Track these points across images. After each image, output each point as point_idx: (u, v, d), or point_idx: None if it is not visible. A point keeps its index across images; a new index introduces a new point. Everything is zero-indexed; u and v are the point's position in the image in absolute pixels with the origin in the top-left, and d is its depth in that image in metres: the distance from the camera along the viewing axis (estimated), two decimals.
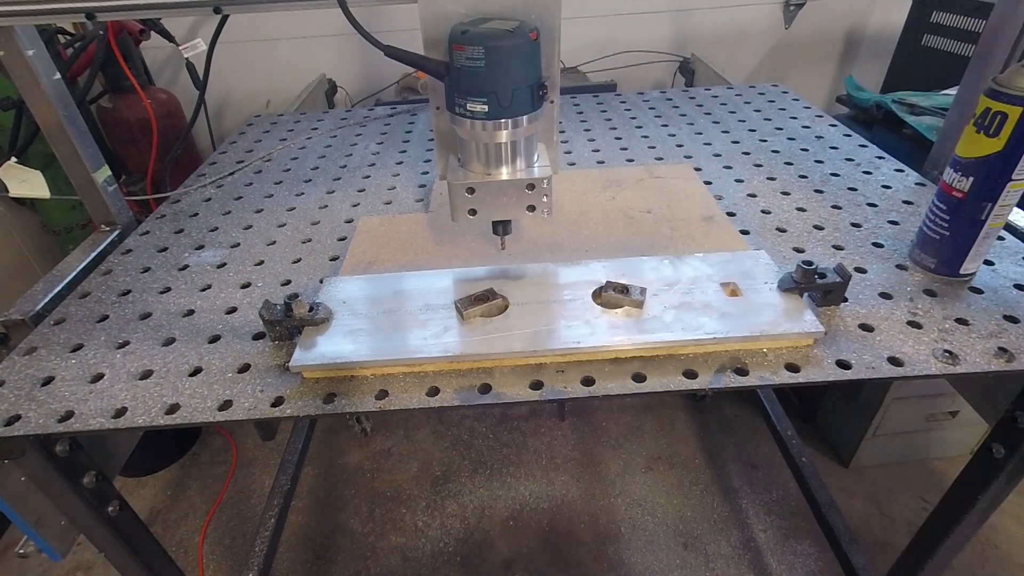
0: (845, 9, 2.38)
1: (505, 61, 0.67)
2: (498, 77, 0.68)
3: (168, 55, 2.23)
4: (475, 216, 0.79)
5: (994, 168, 0.76)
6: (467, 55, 0.67)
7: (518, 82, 0.69)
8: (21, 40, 0.93)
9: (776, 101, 1.56)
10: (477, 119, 0.71)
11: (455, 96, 0.71)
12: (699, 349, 0.74)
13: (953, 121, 1.15)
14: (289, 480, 1.61)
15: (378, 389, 0.72)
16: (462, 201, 0.78)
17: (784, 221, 1.03)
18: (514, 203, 0.78)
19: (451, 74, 0.71)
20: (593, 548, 1.70)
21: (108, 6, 0.85)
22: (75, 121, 1.06)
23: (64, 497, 0.77)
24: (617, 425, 2.08)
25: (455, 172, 0.79)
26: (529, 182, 0.77)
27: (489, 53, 0.66)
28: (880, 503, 1.78)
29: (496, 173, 0.77)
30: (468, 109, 0.70)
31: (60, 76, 1.02)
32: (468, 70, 0.68)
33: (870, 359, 0.71)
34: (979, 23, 1.84)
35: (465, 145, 0.77)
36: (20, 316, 0.89)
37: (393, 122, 1.61)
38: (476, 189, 0.77)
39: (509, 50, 0.67)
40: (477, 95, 0.69)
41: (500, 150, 0.75)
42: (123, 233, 1.16)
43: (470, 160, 0.78)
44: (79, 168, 1.09)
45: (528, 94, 0.71)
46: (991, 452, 0.81)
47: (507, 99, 0.69)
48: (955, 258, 0.84)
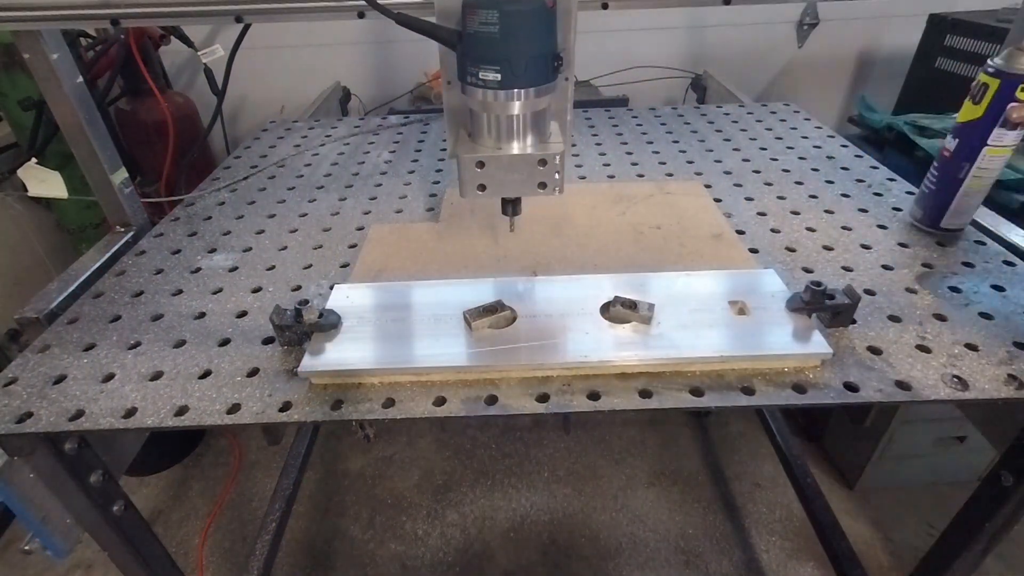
0: (858, 30, 2.39)
1: (520, 27, 0.65)
2: (512, 44, 0.65)
3: (186, 59, 2.26)
4: (484, 192, 0.76)
5: (974, 131, 0.90)
6: (481, 20, 0.64)
7: (533, 50, 0.67)
8: (47, 44, 0.95)
9: (787, 120, 1.56)
10: (489, 88, 0.68)
11: (467, 64, 0.69)
12: (706, 367, 0.74)
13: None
14: (291, 484, 1.61)
15: (385, 397, 0.72)
16: (471, 176, 0.76)
17: (793, 240, 1.03)
18: (525, 179, 0.76)
19: (463, 41, 0.68)
20: (594, 563, 1.69)
21: (133, 12, 0.87)
22: (95, 123, 1.07)
23: (71, 495, 0.78)
24: (620, 439, 2.07)
25: (465, 145, 0.77)
26: (541, 157, 0.74)
27: (504, 18, 0.63)
28: (885, 527, 1.76)
29: (507, 147, 0.75)
30: (480, 78, 0.68)
31: (82, 79, 1.04)
32: (481, 36, 0.65)
33: (878, 382, 0.71)
34: (993, 47, 1.84)
35: (476, 117, 0.75)
36: (35, 314, 0.90)
37: (406, 131, 1.62)
38: (486, 163, 0.75)
39: (525, 15, 0.64)
40: (490, 62, 0.67)
41: (512, 123, 0.73)
42: (137, 235, 1.18)
43: (480, 133, 0.75)
44: (97, 169, 1.11)
45: (543, 64, 0.68)
46: (999, 480, 0.80)
47: (521, 67, 0.67)
48: (937, 210, 0.99)
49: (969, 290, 0.87)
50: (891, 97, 2.31)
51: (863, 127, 1.91)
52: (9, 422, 0.70)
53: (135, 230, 1.18)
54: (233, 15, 0.87)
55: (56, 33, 0.97)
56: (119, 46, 1.84)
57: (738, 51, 2.38)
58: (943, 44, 2.03)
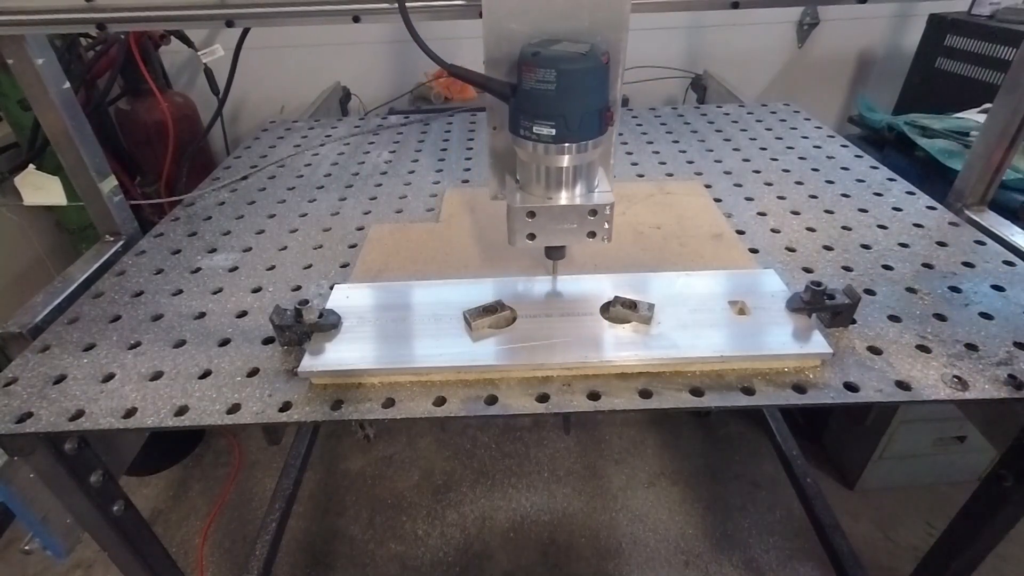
0: (858, 30, 2.39)
1: (577, 85, 0.65)
2: (568, 101, 0.66)
3: (186, 59, 2.26)
4: (533, 241, 0.76)
5: None
6: (538, 77, 0.65)
7: (588, 106, 0.67)
8: (31, 48, 0.92)
9: (787, 120, 1.56)
10: (543, 142, 0.69)
11: (520, 118, 0.69)
12: (706, 366, 0.74)
13: (979, 151, 1.09)
14: (291, 484, 1.61)
15: (385, 397, 0.72)
16: (521, 225, 0.75)
17: (793, 240, 1.03)
18: (575, 229, 0.76)
19: (518, 96, 0.69)
20: (593, 563, 1.69)
21: (119, 17, 0.84)
22: (83, 130, 1.04)
23: (71, 495, 0.78)
24: (620, 439, 2.07)
25: (515, 195, 0.77)
26: (592, 208, 0.74)
27: (561, 76, 0.64)
28: (885, 527, 1.76)
29: (557, 197, 0.75)
30: (534, 132, 0.68)
31: (69, 85, 1.00)
32: (537, 92, 0.66)
33: (878, 382, 0.71)
34: (993, 47, 1.84)
35: (525, 167, 0.75)
36: (18, 328, 0.88)
37: (406, 131, 1.62)
38: (537, 213, 0.75)
39: (582, 73, 0.65)
40: (545, 118, 0.67)
41: (562, 174, 0.73)
42: (128, 243, 1.15)
43: (530, 182, 0.75)
44: (85, 177, 1.07)
45: (596, 118, 0.69)
46: (999, 480, 0.80)
47: (576, 123, 0.67)
48: None
49: (969, 290, 0.87)
50: (891, 97, 2.31)
51: (863, 127, 1.91)
52: (9, 422, 0.70)
53: (125, 239, 1.15)
54: (224, 19, 0.85)
55: (41, 37, 0.94)
56: (119, 46, 1.84)
57: (738, 51, 2.38)
58: (943, 44, 2.03)
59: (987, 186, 1.10)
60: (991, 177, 1.09)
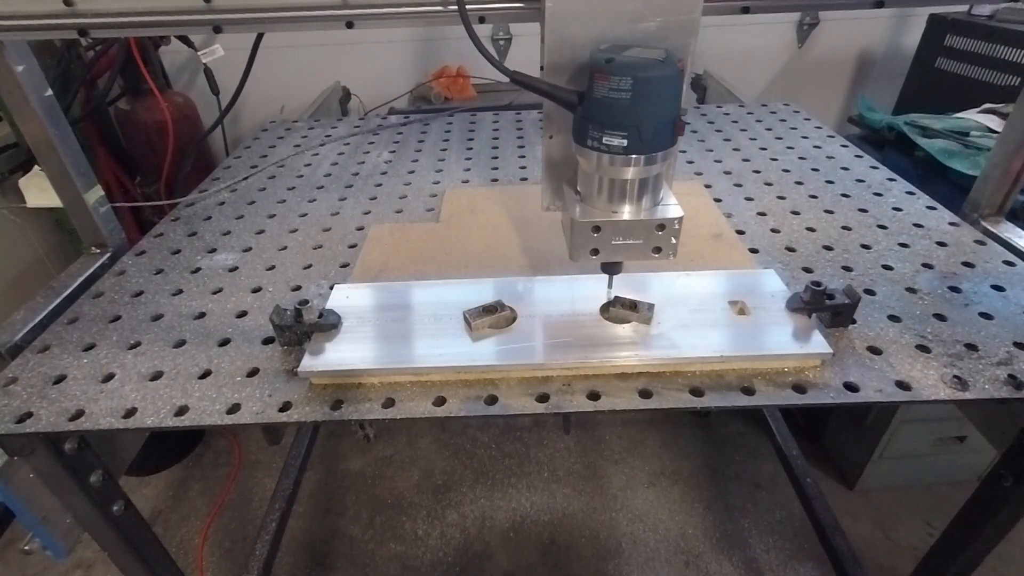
0: (858, 30, 2.39)
1: (654, 93, 0.61)
2: (644, 110, 0.62)
3: (186, 59, 2.26)
4: (596, 256, 0.72)
5: None
6: (611, 85, 0.61)
7: (662, 116, 0.63)
8: (11, 55, 0.88)
9: (787, 120, 1.56)
10: (612, 153, 0.65)
11: (589, 128, 0.65)
12: (706, 366, 0.74)
13: (997, 160, 1.04)
14: (291, 484, 1.61)
15: (385, 397, 0.72)
16: (585, 240, 0.71)
17: (793, 240, 1.03)
18: (641, 244, 0.72)
19: (586, 104, 0.65)
20: (593, 563, 1.69)
21: (101, 23, 0.79)
22: (66, 139, 0.99)
23: (71, 495, 0.78)
24: (620, 439, 2.07)
25: (578, 208, 0.72)
26: (660, 222, 0.70)
27: (638, 84, 0.60)
28: (885, 527, 1.76)
29: (622, 211, 0.71)
30: (604, 143, 0.64)
31: (51, 92, 0.95)
32: (610, 101, 0.62)
33: (878, 382, 0.71)
34: (993, 47, 1.84)
35: (589, 179, 0.71)
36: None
37: (406, 131, 1.62)
38: (602, 228, 0.70)
39: (659, 81, 0.61)
40: (617, 128, 0.63)
41: (630, 187, 0.69)
42: (114, 256, 1.10)
43: (592, 195, 0.71)
44: (69, 188, 1.03)
45: (669, 129, 0.65)
46: (999, 480, 0.80)
47: (649, 133, 0.63)
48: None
49: (969, 290, 0.87)
50: (891, 97, 2.31)
51: (863, 127, 1.91)
52: (9, 422, 0.70)
53: (112, 251, 1.10)
54: (212, 24, 0.80)
55: (21, 43, 0.90)
56: (119, 46, 1.84)
57: (738, 51, 2.38)
58: (943, 44, 2.03)
59: (1005, 196, 1.06)
60: (1009, 187, 1.04)
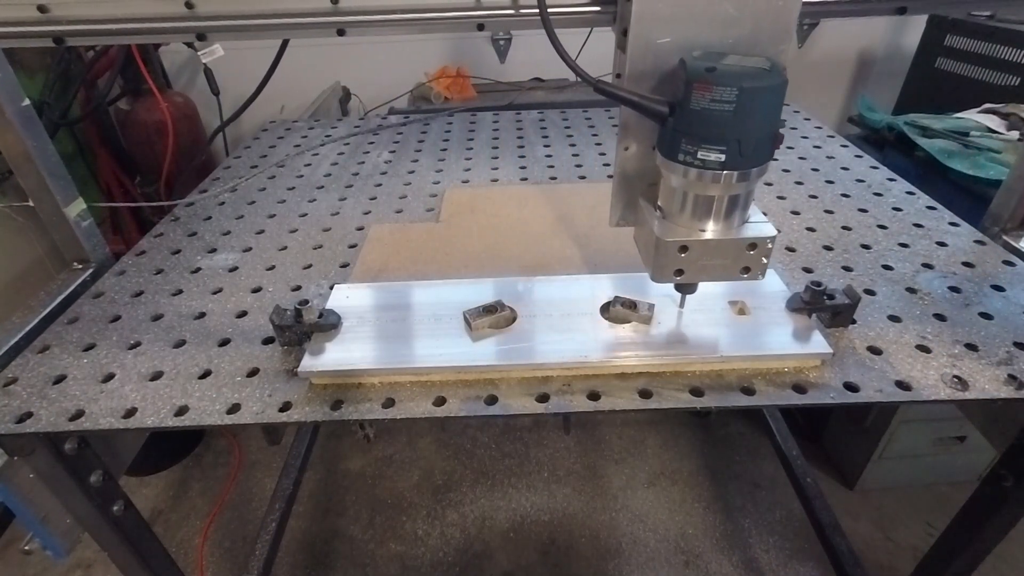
0: (858, 30, 2.39)
1: (760, 106, 0.57)
2: (747, 123, 0.57)
3: (186, 59, 2.26)
4: (681, 277, 0.68)
5: None
6: (713, 96, 0.56)
7: (765, 129, 0.59)
8: None
9: (787, 120, 1.56)
10: (708, 169, 0.60)
11: (682, 141, 0.61)
12: (706, 367, 0.74)
13: (1020, 172, 1.01)
14: (291, 484, 1.61)
15: (385, 397, 0.72)
16: (671, 260, 0.67)
17: (793, 240, 1.03)
18: (729, 264, 0.67)
19: (680, 116, 0.60)
20: (594, 563, 1.69)
21: (79, 30, 0.75)
22: (44, 150, 0.95)
23: (71, 495, 0.78)
24: (620, 439, 2.07)
25: (657, 225, 0.68)
26: (752, 241, 0.66)
27: (743, 95, 0.55)
28: (885, 527, 1.76)
29: (708, 229, 0.66)
30: (699, 158, 0.60)
31: (28, 102, 0.92)
32: (711, 113, 0.57)
33: (878, 382, 0.71)
34: (993, 47, 1.84)
35: (674, 195, 0.66)
36: None
37: (406, 131, 1.62)
38: (690, 248, 0.66)
39: (767, 92, 0.56)
40: (716, 142, 0.58)
41: (718, 203, 0.64)
42: (97, 272, 1.05)
43: (675, 212, 0.67)
44: (49, 202, 0.99)
45: (769, 142, 0.60)
46: (999, 480, 0.80)
47: (750, 148, 0.59)
48: None
49: (969, 290, 0.87)
50: (891, 97, 2.31)
51: (863, 127, 1.91)
52: (9, 422, 0.70)
53: (94, 267, 1.05)
54: (195, 32, 0.75)
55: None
56: (119, 46, 1.84)
57: None
58: (943, 44, 2.03)
59: None
60: None
